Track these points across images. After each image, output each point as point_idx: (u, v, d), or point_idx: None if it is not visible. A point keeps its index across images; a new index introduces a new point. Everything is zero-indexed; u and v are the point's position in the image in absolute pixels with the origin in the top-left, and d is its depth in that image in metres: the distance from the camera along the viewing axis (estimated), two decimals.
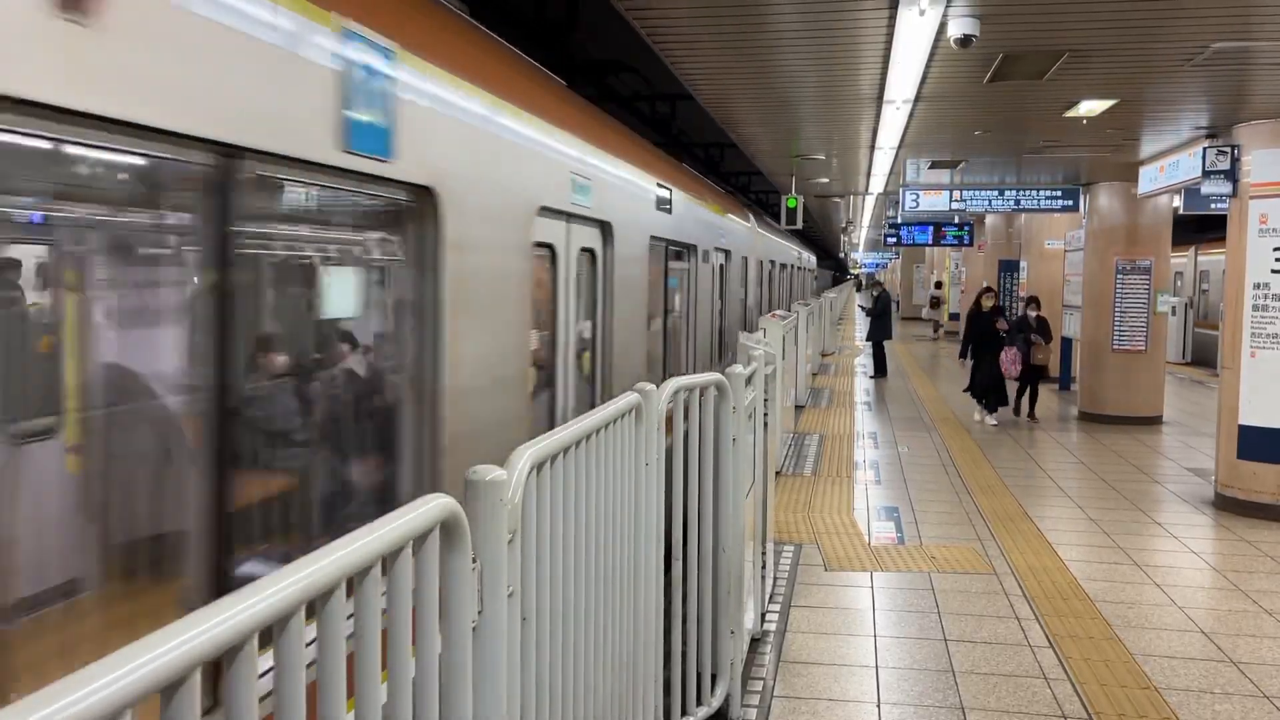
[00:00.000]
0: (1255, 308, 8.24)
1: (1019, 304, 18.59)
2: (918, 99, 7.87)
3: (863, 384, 17.51)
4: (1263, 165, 8.29)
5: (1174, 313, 20.80)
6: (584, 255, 5.31)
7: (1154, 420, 13.09)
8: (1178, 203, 14.03)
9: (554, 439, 2.34)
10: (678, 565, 3.77)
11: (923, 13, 5.33)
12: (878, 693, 4.64)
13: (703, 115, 9.52)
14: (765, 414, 5.42)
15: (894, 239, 21.40)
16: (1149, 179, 11.25)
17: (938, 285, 34.28)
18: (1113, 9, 5.39)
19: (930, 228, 20.89)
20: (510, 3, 8.25)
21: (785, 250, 20.45)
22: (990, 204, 14.93)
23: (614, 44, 9.89)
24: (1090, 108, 8.20)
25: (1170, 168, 10.30)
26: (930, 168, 12.70)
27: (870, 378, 18.31)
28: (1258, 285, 8.23)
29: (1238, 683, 4.80)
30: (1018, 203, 14.85)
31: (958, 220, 20.40)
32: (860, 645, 5.22)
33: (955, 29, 5.59)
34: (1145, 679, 4.81)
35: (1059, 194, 14.47)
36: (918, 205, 15.04)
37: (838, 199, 19.54)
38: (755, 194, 23.69)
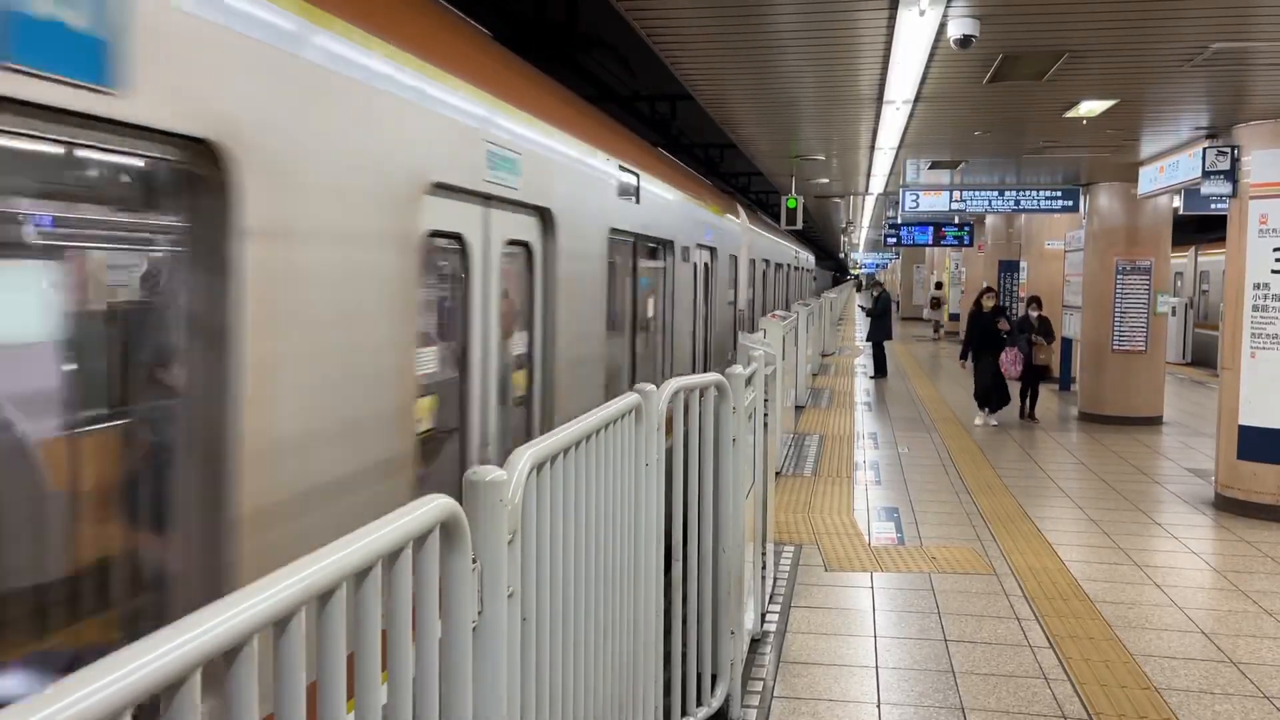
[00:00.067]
0: (1255, 308, 8.24)
1: (1019, 304, 18.62)
2: (917, 99, 7.87)
3: (863, 384, 17.51)
4: (1262, 165, 8.29)
5: (1174, 313, 20.81)
6: (514, 250, 4.32)
7: (1154, 421, 13.09)
8: (1178, 203, 14.04)
9: (554, 439, 2.34)
10: (678, 565, 3.77)
11: (923, 13, 5.33)
12: (878, 693, 4.64)
13: (702, 115, 9.52)
14: (765, 414, 5.41)
15: (894, 239, 21.40)
16: (1149, 179, 11.25)
17: (938, 286, 34.29)
18: (1112, 9, 5.39)
19: (930, 228, 20.89)
20: (511, 3, 8.26)
21: (781, 249, 19.86)
22: (990, 204, 14.93)
23: (614, 44, 9.89)
24: (1090, 108, 8.20)
25: (1170, 168, 10.30)
26: (930, 168, 12.70)
27: (870, 378, 18.31)
28: (1258, 286, 8.23)
29: (1238, 683, 4.80)
30: (1018, 203, 14.85)
31: (958, 221, 20.40)
32: (860, 646, 5.22)
33: (955, 29, 5.59)
34: (1145, 679, 4.81)
35: (1059, 194, 14.48)
36: (918, 206, 15.04)
37: (838, 199, 19.54)
38: (755, 194, 23.74)
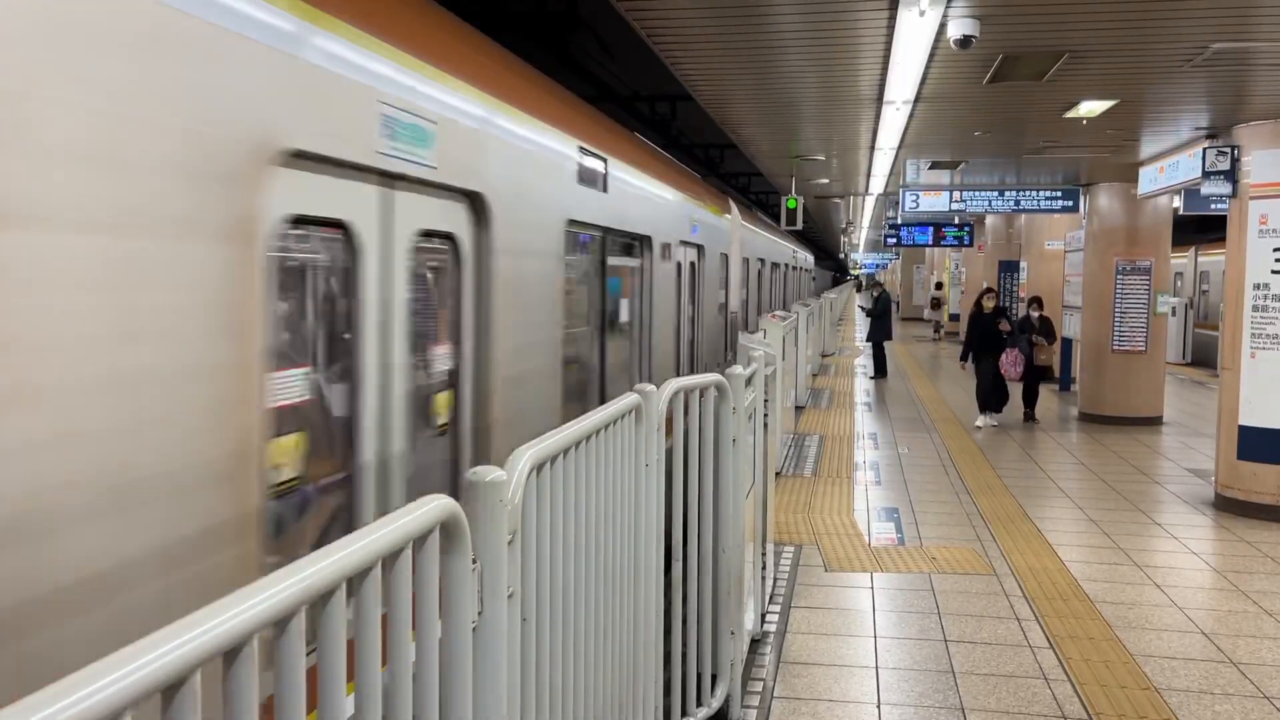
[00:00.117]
0: (1255, 308, 8.24)
1: (1019, 304, 18.62)
2: (917, 100, 7.87)
3: (863, 385, 17.51)
4: (1262, 166, 8.30)
5: (1174, 313, 20.82)
6: (431, 243, 3.52)
7: (1154, 421, 13.09)
8: (1178, 203, 14.04)
9: (554, 440, 2.34)
10: (678, 566, 3.77)
11: (923, 13, 5.33)
12: (878, 693, 4.64)
13: (702, 116, 9.52)
14: (765, 415, 5.41)
15: (894, 240, 21.41)
16: (1149, 180, 11.25)
17: (938, 286, 34.30)
18: (1112, 9, 5.39)
19: (930, 228, 20.90)
20: (510, 3, 8.27)
21: (778, 248, 19.25)
22: (990, 205, 14.93)
23: (614, 44, 9.90)
24: (1090, 108, 8.20)
25: (1170, 168, 10.30)
26: (930, 168, 12.71)
27: (870, 378, 18.31)
28: (1257, 286, 8.23)
29: (1238, 683, 4.80)
30: (1018, 203, 14.86)
31: (958, 221, 20.42)
32: (860, 646, 5.22)
33: (955, 30, 5.59)
34: (1145, 679, 4.81)
35: (1059, 195, 14.48)
36: (918, 206, 15.05)
37: (838, 200, 19.55)
38: (755, 194, 23.75)
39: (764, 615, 5.45)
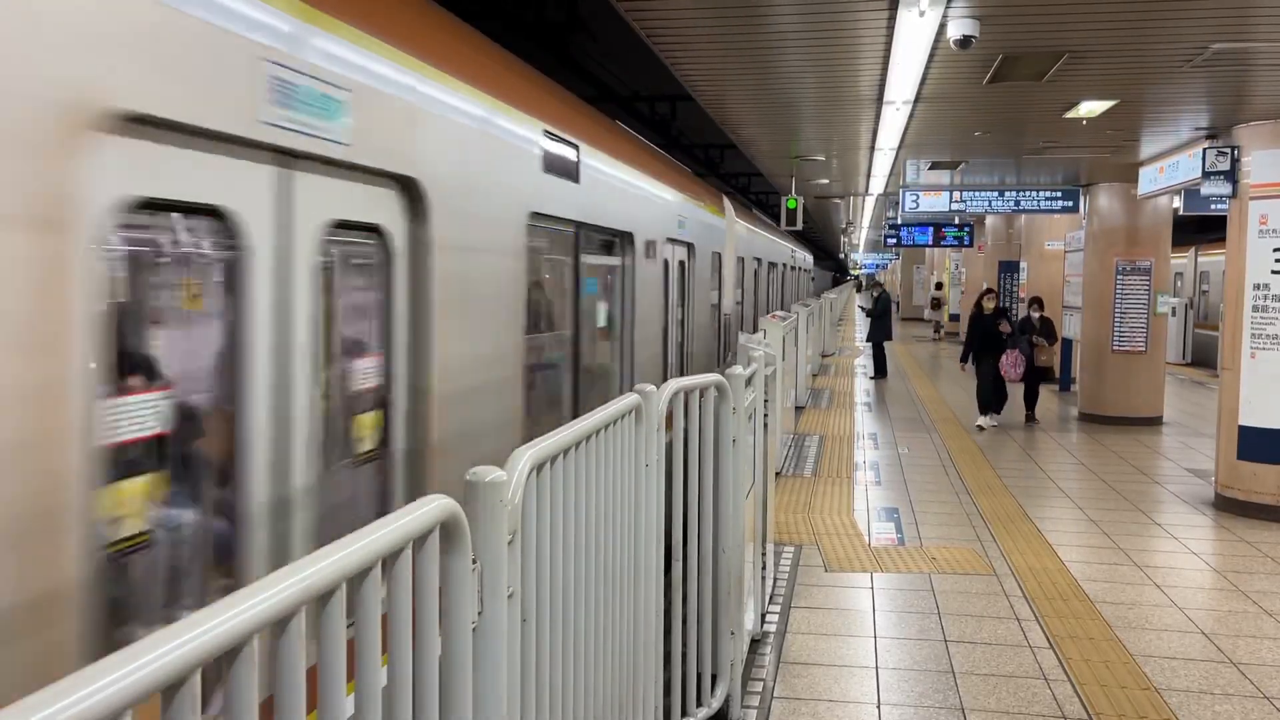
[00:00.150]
0: (1255, 309, 8.24)
1: (1019, 304, 18.61)
2: (917, 100, 7.87)
3: (863, 385, 17.51)
4: (1262, 166, 8.30)
5: (1174, 314, 20.82)
6: (349, 236, 2.96)
7: (1154, 421, 13.09)
8: (1178, 204, 14.04)
9: (554, 440, 2.34)
10: (678, 566, 3.77)
11: (922, 14, 5.33)
12: (878, 694, 4.64)
13: (702, 116, 9.53)
14: (765, 415, 5.41)
15: (894, 240, 21.41)
16: (1149, 180, 11.26)
17: (938, 286, 34.30)
18: (1112, 10, 5.40)
19: (930, 229, 20.91)
20: (510, 3, 8.27)
21: (776, 248, 18.69)
22: (990, 205, 14.94)
23: (614, 44, 9.90)
24: (1090, 109, 8.20)
25: (1170, 169, 10.30)
26: (930, 169, 12.71)
27: (870, 379, 18.31)
28: (1257, 286, 8.23)
29: (1238, 684, 4.80)
30: (1018, 204, 14.86)
31: (958, 221, 20.42)
32: (860, 646, 5.22)
33: (955, 30, 5.59)
34: (1145, 680, 4.81)
35: (1059, 195, 14.48)
36: (918, 206, 15.05)
37: (838, 200, 19.55)
38: (755, 195, 23.75)
39: (764, 615, 5.45)
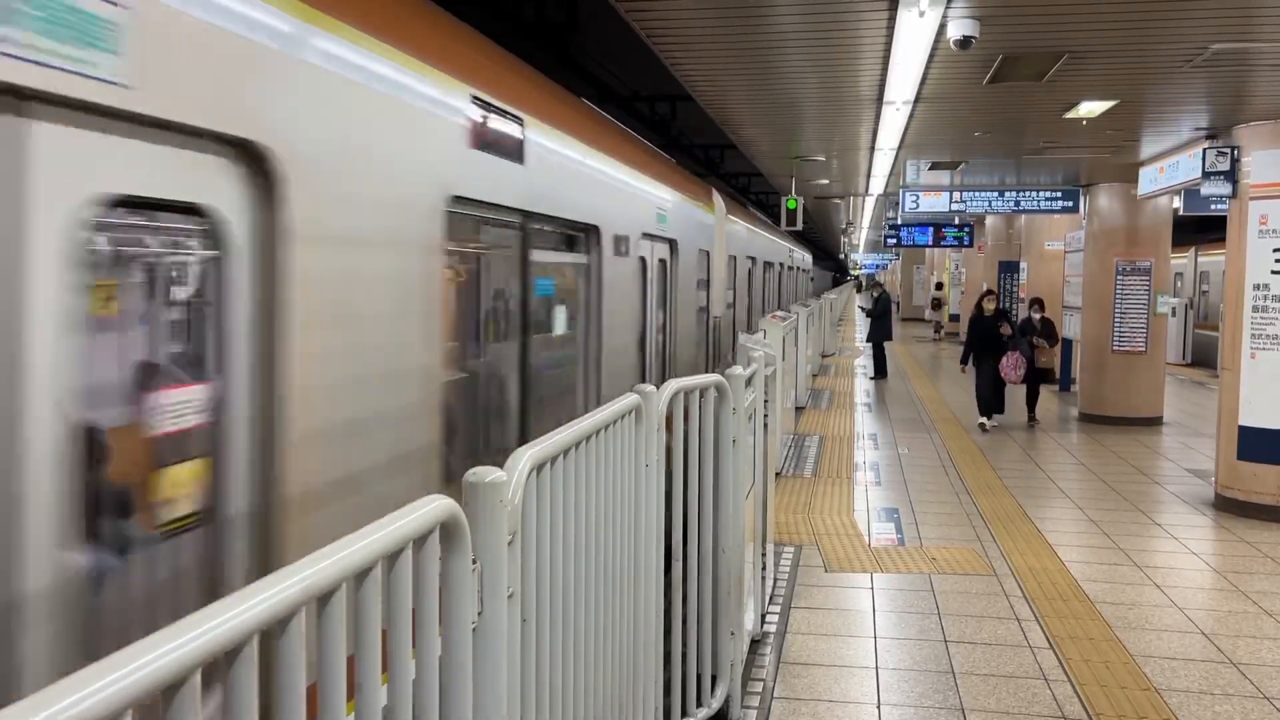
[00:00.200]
0: (1255, 309, 8.24)
1: (1019, 305, 18.61)
2: (917, 100, 7.87)
3: (863, 385, 17.51)
4: (1262, 166, 8.30)
5: (1174, 314, 20.82)
6: (148, 218, 2.23)
7: (1154, 421, 13.09)
8: (1178, 204, 14.04)
9: (554, 440, 2.34)
10: (678, 566, 3.77)
11: (922, 14, 5.33)
12: (878, 694, 4.64)
13: (703, 116, 9.53)
14: (765, 415, 5.42)
15: (894, 240, 21.42)
16: (1149, 180, 11.26)
17: (938, 286, 34.30)
18: (1112, 10, 5.40)
19: (930, 229, 20.92)
20: (510, 3, 8.27)
21: (773, 246, 17.78)
22: (990, 205, 14.94)
23: (614, 44, 9.91)
24: (1090, 109, 8.20)
25: (1170, 169, 10.30)
26: (930, 169, 12.71)
27: (870, 379, 18.31)
28: (1257, 286, 8.23)
29: (1238, 684, 4.80)
30: (1018, 204, 14.86)
31: (958, 221, 20.43)
32: (860, 646, 5.22)
33: (955, 30, 5.59)
34: (1145, 680, 4.81)
35: (1059, 195, 14.48)
36: (918, 206, 15.06)
37: (838, 200, 19.55)
38: (755, 195, 23.75)
39: (764, 616, 5.45)
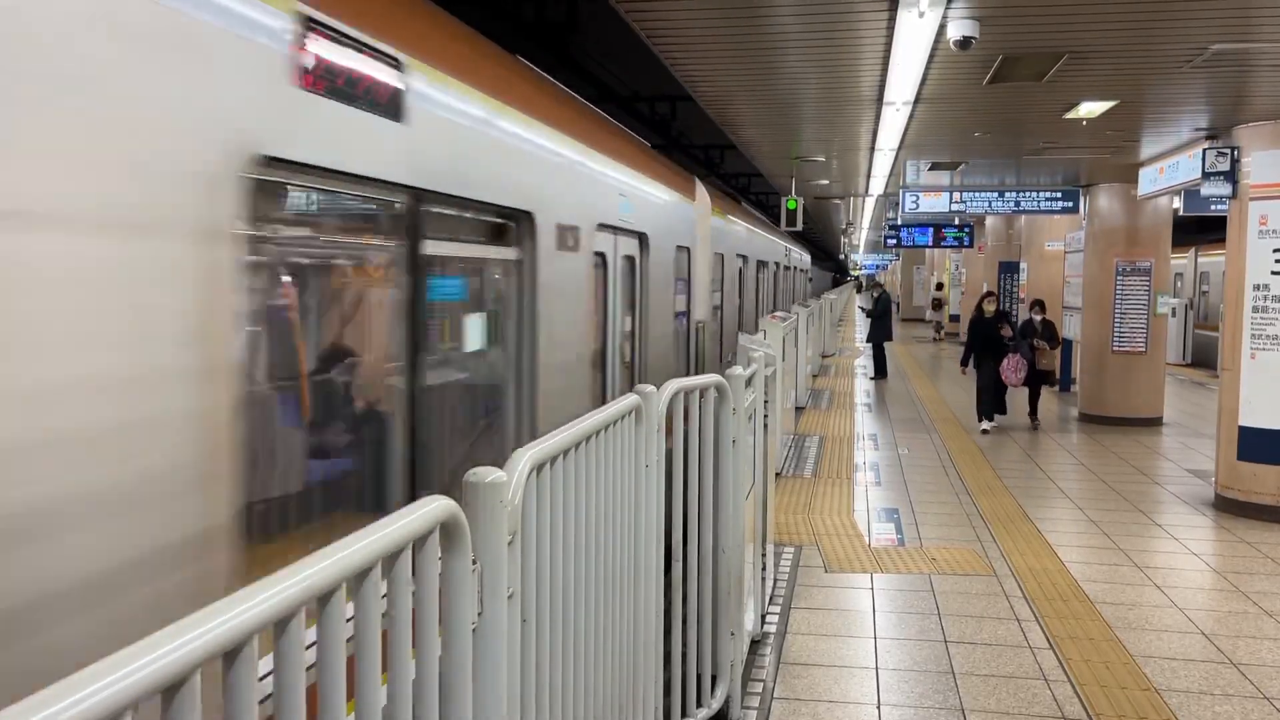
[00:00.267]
0: (1255, 309, 8.24)
1: (1019, 305, 18.60)
2: (917, 101, 7.87)
3: (863, 385, 17.51)
4: (1262, 167, 8.30)
5: (1174, 314, 20.82)
6: None
7: (1154, 422, 13.09)
8: (1178, 204, 14.04)
9: (554, 440, 2.34)
10: (678, 566, 3.77)
11: (922, 14, 5.33)
12: (878, 694, 4.64)
13: (702, 116, 9.53)
14: (765, 415, 5.42)
15: (894, 240, 21.42)
16: (1149, 180, 11.26)
17: (939, 287, 34.31)
18: (1112, 11, 5.40)
19: (930, 229, 20.91)
20: (510, 2, 8.27)
21: (767, 245, 16.59)
22: (990, 206, 14.94)
23: (614, 44, 9.91)
24: (1090, 109, 8.20)
25: (1170, 169, 10.30)
26: (930, 169, 12.71)
27: (870, 379, 18.31)
28: (1257, 287, 8.23)
29: (1238, 684, 4.80)
30: (1018, 204, 14.86)
31: (958, 222, 20.42)
32: (860, 647, 5.22)
33: (955, 31, 5.59)
34: (1145, 680, 4.81)
35: (1059, 195, 14.48)
36: (918, 207, 15.06)
37: (838, 200, 19.55)
38: (755, 195, 23.75)
39: (764, 616, 5.45)
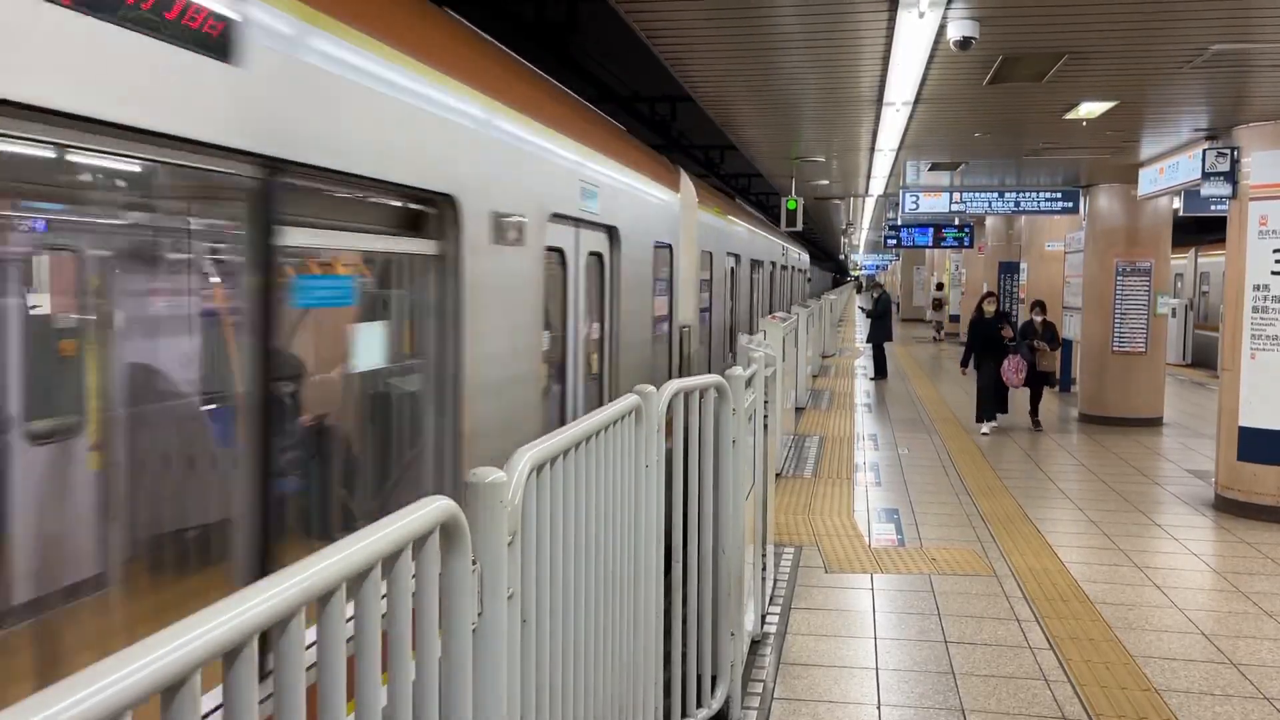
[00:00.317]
0: (1255, 309, 8.24)
1: (1019, 306, 18.60)
2: (917, 101, 7.87)
3: (863, 386, 17.51)
4: (1262, 167, 8.30)
5: (1174, 314, 20.81)
6: None
7: (1154, 422, 13.09)
8: (1178, 204, 14.04)
9: (554, 441, 2.34)
10: (678, 567, 3.77)
11: (922, 15, 5.33)
12: (878, 694, 4.64)
13: (702, 117, 9.53)
14: (765, 416, 5.42)
15: (894, 241, 21.41)
16: (1149, 181, 11.26)
17: (939, 287, 34.30)
18: (1112, 11, 5.40)
19: (930, 229, 20.90)
20: (510, 3, 8.27)
21: (763, 243, 15.90)
22: (990, 206, 14.94)
23: (614, 44, 9.90)
24: (1090, 110, 8.20)
25: (1170, 169, 10.30)
26: (930, 170, 12.71)
27: (870, 379, 18.31)
28: (1257, 287, 8.23)
29: (1238, 684, 4.80)
30: (1018, 205, 14.86)
31: (958, 222, 20.41)
32: (860, 647, 5.22)
33: (955, 31, 5.59)
34: (1145, 680, 4.81)
35: (1059, 196, 14.48)
36: (918, 207, 15.06)
37: (838, 201, 19.55)
38: (756, 195, 23.75)
39: (764, 616, 5.45)
